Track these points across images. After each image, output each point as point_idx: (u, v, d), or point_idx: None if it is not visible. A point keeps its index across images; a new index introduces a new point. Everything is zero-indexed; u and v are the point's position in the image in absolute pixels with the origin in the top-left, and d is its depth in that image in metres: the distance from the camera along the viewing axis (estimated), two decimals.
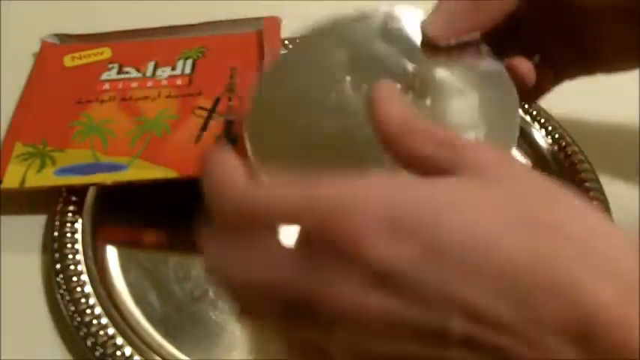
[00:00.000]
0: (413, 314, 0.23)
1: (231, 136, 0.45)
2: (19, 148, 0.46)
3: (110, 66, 0.51)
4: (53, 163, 0.45)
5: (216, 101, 0.48)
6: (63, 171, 0.44)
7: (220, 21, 0.54)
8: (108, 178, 0.44)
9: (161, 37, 0.54)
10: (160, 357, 0.39)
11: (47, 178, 0.44)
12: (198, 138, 0.45)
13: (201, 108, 0.47)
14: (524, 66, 0.39)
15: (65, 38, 0.54)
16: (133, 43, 0.53)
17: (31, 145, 0.46)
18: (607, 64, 0.42)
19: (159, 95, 0.49)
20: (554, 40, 0.41)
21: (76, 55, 0.53)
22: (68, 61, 0.52)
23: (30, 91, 0.51)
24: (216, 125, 0.46)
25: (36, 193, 0.44)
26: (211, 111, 0.47)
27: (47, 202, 0.44)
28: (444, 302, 0.23)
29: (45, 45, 0.54)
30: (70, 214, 0.43)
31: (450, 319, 0.23)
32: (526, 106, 0.50)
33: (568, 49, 0.42)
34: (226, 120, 0.46)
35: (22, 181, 0.44)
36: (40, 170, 0.44)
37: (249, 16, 0.54)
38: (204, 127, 0.46)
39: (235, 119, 0.46)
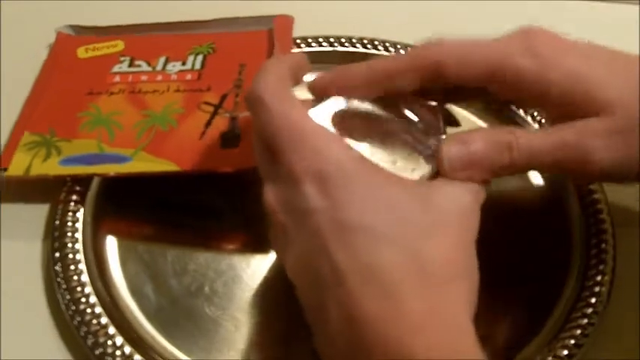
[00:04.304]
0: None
1: (236, 133, 0.45)
2: (26, 137, 0.46)
3: (122, 59, 0.52)
4: (59, 152, 0.45)
5: (223, 97, 0.48)
6: (67, 161, 0.45)
7: (232, 18, 0.54)
8: (111, 169, 0.44)
9: (173, 32, 0.54)
10: (152, 348, 0.39)
11: (52, 167, 0.45)
12: (203, 134, 0.46)
13: (206, 103, 0.47)
14: None
15: (80, 30, 0.55)
16: (146, 37, 0.54)
17: (38, 134, 0.46)
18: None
19: (168, 89, 0.49)
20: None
21: (90, 46, 0.53)
22: (82, 52, 0.53)
23: (43, 80, 0.51)
24: (221, 121, 0.46)
25: (41, 182, 0.45)
26: (217, 107, 0.47)
27: (52, 190, 0.45)
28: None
29: (60, 36, 0.54)
30: (72, 204, 0.44)
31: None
32: None
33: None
34: (231, 116, 0.46)
35: (27, 169, 0.45)
36: (45, 159, 0.45)
37: (261, 14, 0.54)
38: (209, 123, 0.46)
39: (240, 116, 0.46)
